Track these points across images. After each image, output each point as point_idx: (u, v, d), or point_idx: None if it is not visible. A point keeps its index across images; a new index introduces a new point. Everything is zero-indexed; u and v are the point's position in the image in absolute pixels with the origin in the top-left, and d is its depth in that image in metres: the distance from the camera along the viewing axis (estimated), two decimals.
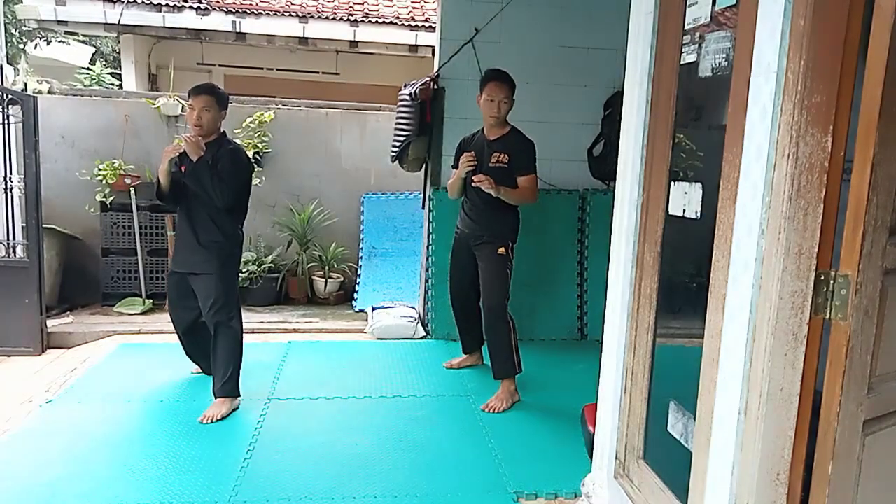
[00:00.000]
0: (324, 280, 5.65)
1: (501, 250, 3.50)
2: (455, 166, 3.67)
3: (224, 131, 3.33)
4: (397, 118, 4.60)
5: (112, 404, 3.36)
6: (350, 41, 7.70)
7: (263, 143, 5.65)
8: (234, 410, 3.28)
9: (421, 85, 4.42)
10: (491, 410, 3.37)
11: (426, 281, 4.74)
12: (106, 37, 9.21)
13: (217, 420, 3.17)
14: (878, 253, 1.46)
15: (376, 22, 7.75)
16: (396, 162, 4.71)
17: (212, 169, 3.11)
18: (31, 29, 7.77)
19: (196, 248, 3.23)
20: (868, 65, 1.39)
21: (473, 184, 3.39)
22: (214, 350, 3.26)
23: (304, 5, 7.87)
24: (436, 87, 4.52)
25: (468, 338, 4.03)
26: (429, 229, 4.69)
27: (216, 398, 3.26)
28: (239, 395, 3.33)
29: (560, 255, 4.72)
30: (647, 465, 2.14)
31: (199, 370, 3.69)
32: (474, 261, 3.65)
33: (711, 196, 1.74)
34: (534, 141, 3.53)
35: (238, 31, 7.42)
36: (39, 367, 4.04)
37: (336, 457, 2.86)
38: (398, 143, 4.57)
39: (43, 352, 4.29)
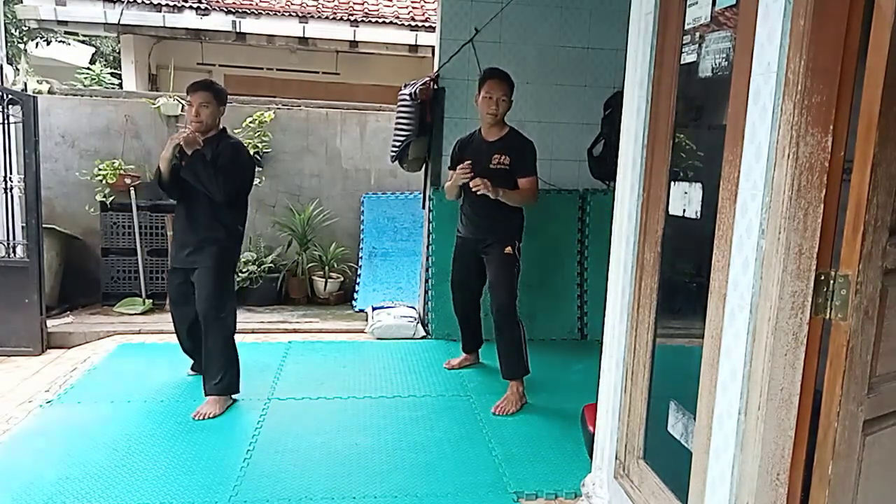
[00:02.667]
0: (324, 280, 5.65)
1: (508, 249, 3.47)
2: (452, 168, 3.64)
3: (224, 127, 3.34)
4: (397, 118, 4.60)
5: (112, 404, 3.36)
6: (350, 41, 7.70)
7: (263, 143, 5.65)
8: (227, 408, 3.28)
9: (421, 85, 4.42)
10: (501, 412, 3.34)
11: (426, 281, 4.74)
12: (106, 37, 9.21)
13: (210, 418, 3.18)
14: (878, 253, 1.46)
15: (376, 22, 7.75)
16: (396, 162, 4.71)
17: (212, 163, 3.10)
18: (31, 29, 7.76)
19: (195, 244, 3.24)
20: (868, 65, 1.39)
21: (472, 188, 3.34)
22: (206, 346, 3.26)
23: (304, 5, 7.87)
24: (436, 87, 4.52)
25: (468, 338, 4.03)
26: (429, 229, 4.69)
27: (207, 395, 3.27)
28: (235, 392, 3.34)
29: (560, 255, 4.72)
30: (647, 465, 2.14)
31: (195, 372, 3.69)
32: (479, 264, 3.62)
33: (711, 196, 1.74)
34: (533, 141, 3.52)
35: (238, 31, 7.41)
36: (39, 367, 4.04)
37: (336, 457, 2.86)
38: (398, 143, 4.57)
39: (43, 352, 4.29)
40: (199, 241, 3.23)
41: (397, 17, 7.83)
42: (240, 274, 5.25)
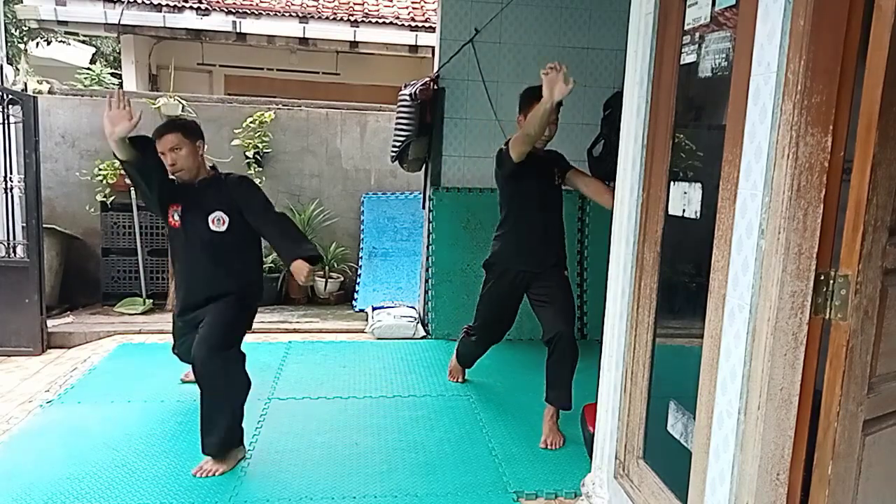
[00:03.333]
0: (324, 280, 5.65)
1: (566, 272, 3.25)
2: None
3: (214, 165, 2.96)
4: (397, 118, 4.61)
5: (112, 404, 3.36)
6: (350, 41, 7.69)
7: (263, 143, 5.65)
8: (239, 462, 2.76)
9: (421, 85, 4.42)
10: (553, 447, 2.99)
11: (426, 281, 4.74)
12: (106, 37, 9.20)
13: (221, 475, 2.66)
14: (878, 253, 1.46)
15: (376, 22, 7.75)
16: (396, 162, 4.71)
17: (234, 205, 2.74)
18: (31, 29, 7.77)
19: (209, 295, 2.79)
20: (868, 65, 1.39)
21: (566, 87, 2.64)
22: (203, 395, 2.67)
23: (305, 6, 7.87)
24: (436, 87, 4.52)
25: (474, 361, 3.79)
26: (429, 229, 4.69)
27: (205, 454, 2.68)
28: (241, 445, 2.80)
29: None
30: (646, 465, 2.14)
31: (190, 378, 3.54)
32: (521, 296, 3.26)
33: (711, 196, 1.74)
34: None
35: (238, 31, 7.41)
36: (39, 367, 4.04)
37: (336, 457, 2.86)
38: (398, 144, 4.58)
39: (43, 352, 4.29)
40: (214, 291, 2.78)
41: (397, 18, 7.83)
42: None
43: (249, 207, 2.79)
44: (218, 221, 2.78)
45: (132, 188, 5.27)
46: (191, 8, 7.36)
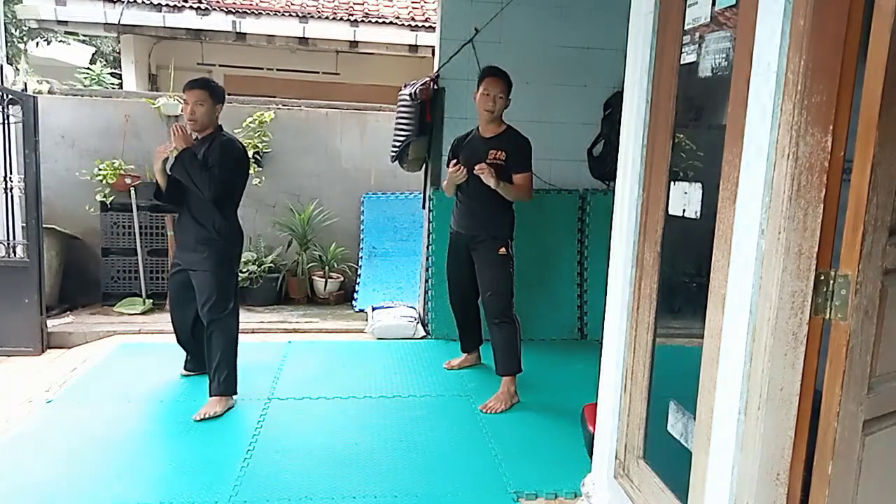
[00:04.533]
0: (324, 280, 5.65)
1: (502, 250, 3.49)
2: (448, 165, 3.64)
3: (220, 125, 3.31)
4: (397, 118, 4.61)
5: (112, 404, 3.36)
6: (350, 41, 7.70)
7: (263, 143, 5.65)
8: (229, 409, 3.28)
9: (421, 85, 4.42)
10: (490, 411, 3.36)
11: (426, 281, 4.74)
12: (106, 37, 9.22)
13: (211, 417, 3.17)
14: (878, 253, 1.46)
15: (376, 22, 7.76)
16: (396, 162, 4.71)
17: (203, 161, 3.11)
18: (31, 29, 7.77)
19: (192, 245, 3.24)
20: (868, 65, 1.39)
21: (475, 171, 3.35)
22: (209, 347, 3.26)
23: (304, 5, 7.87)
24: (436, 87, 4.52)
25: (467, 337, 4.03)
26: (429, 229, 4.69)
27: (211, 396, 3.27)
28: (235, 394, 3.33)
29: (560, 255, 4.72)
30: (647, 465, 2.14)
31: (189, 371, 3.71)
32: (472, 259, 3.63)
33: (711, 196, 1.74)
34: (529, 139, 3.52)
35: (238, 31, 7.42)
36: (39, 367, 4.04)
37: (336, 457, 2.86)
38: (398, 143, 4.58)
39: (43, 352, 4.29)
40: (194, 241, 3.23)
41: (397, 17, 7.83)
42: (240, 274, 5.24)
43: (206, 160, 3.16)
44: None
45: (132, 188, 5.28)
46: (190, 7, 7.36)
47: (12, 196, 4.48)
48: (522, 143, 3.49)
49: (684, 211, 1.91)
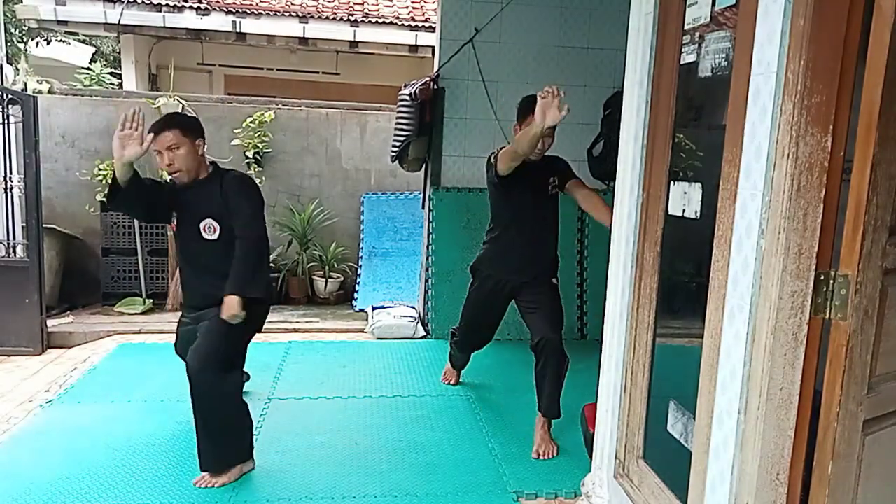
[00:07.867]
0: (324, 280, 5.65)
1: (555, 280, 3.18)
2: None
3: (214, 162, 2.73)
4: (397, 118, 4.61)
5: (112, 404, 3.36)
6: (350, 41, 7.69)
7: (263, 143, 5.65)
8: (244, 474, 2.66)
9: (421, 85, 4.42)
10: (545, 456, 2.92)
11: (426, 281, 4.74)
12: (106, 37, 9.21)
13: (220, 486, 2.58)
14: (878, 253, 1.46)
15: (376, 22, 7.75)
16: (396, 162, 4.71)
17: (224, 205, 2.57)
18: (31, 28, 7.76)
19: (209, 300, 2.60)
20: (868, 65, 1.39)
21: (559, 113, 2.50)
22: (194, 408, 2.54)
23: (304, 5, 7.87)
24: (436, 87, 4.52)
25: (465, 363, 3.78)
26: (429, 229, 4.69)
27: (202, 469, 2.59)
28: (248, 460, 2.69)
29: (560, 254, 4.71)
30: (646, 465, 2.14)
31: None
32: (504, 303, 3.25)
33: (711, 196, 1.74)
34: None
35: (238, 31, 7.41)
36: (39, 367, 4.04)
37: (336, 456, 2.86)
38: (398, 143, 4.58)
39: (43, 352, 4.29)
40: (210, 300, 2.59)
41: (397, 18, 7.83)
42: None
43: (237, 214, 2.59)
44: (209, 229, 2.61)
45: None
46: (191, 8, 7.35)
47: (12, 196, 4.48)
48: (556, 162, 3.21)
49: (684, 211, 1.91)
